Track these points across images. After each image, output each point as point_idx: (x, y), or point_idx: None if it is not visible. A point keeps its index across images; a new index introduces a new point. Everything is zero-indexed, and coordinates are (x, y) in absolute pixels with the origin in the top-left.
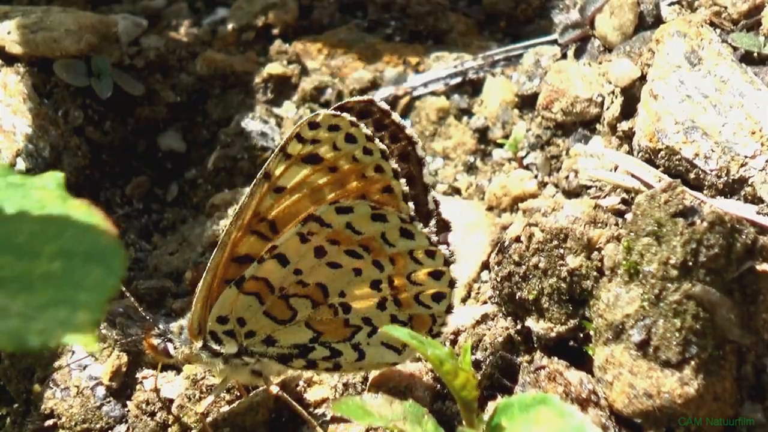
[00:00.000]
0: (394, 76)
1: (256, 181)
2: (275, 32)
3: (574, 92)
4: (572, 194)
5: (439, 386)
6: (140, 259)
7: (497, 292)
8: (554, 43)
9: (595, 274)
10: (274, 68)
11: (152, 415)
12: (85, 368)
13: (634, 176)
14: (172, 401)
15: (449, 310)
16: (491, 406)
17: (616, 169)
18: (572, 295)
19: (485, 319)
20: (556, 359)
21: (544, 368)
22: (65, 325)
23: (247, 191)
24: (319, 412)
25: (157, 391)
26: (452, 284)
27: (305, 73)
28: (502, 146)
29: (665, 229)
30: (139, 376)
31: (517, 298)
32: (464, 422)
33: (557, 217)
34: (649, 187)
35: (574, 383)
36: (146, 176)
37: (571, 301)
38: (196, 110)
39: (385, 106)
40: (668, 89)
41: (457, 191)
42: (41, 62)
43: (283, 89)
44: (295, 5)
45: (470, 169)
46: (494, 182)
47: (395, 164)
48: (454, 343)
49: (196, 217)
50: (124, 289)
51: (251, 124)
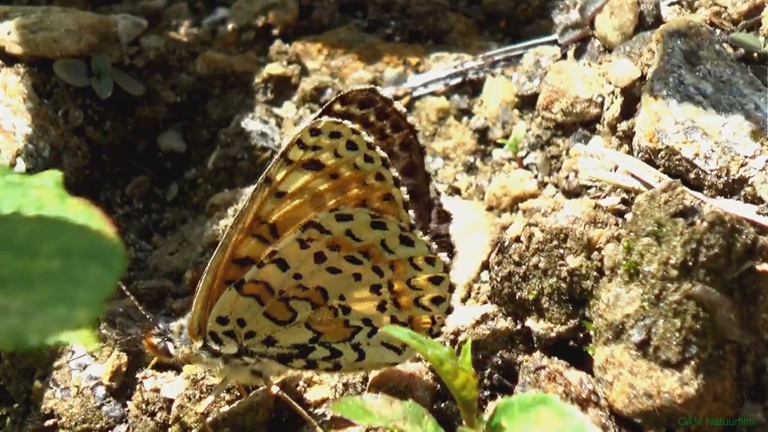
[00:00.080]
0: (394, 76)
1: (257, 185)
2: (275, 32)
3: (574, 92)
4: (572, 194)
5: (439, 386)
6: (140, 259)
7: (497, 292)
8: (554, 43)
9: (595, 274)
10: (274, 68)
11: (152, 415)
12: (85, 368)
13: (634, 176)
14: (172, 401)
15: (449, 311)
16: (491, 406)
17: (616, 169)
18: (572, 295)
19: (485, 319)
20: (556, 359)
21: (544, 368)
22: (64, 323)
23: (247, 193)
24: (319, 412)
25: (157, 390)
26: (452, 289)
27: (305, 73)
28: (502, 146)
29: (665, 229)
30: (139, 376)
31: (517, 298)
32: (464, 422)
33: (557, 217)
34: (649, 187)
35: (574, 383)
36: (146, 176)
37: (571, 301)
38: (196, 110)
39: (387, 94)
40: (668, 89)
41: (457, 191)
42: (41, 62)
43: (283, 89)
44: (295, 5)
45: (470, 169)
46: (494, 182)
47: (396, 172)
48: (454, 343)
49: (196, 217)
50: (124, 288)
51: (251, 124)
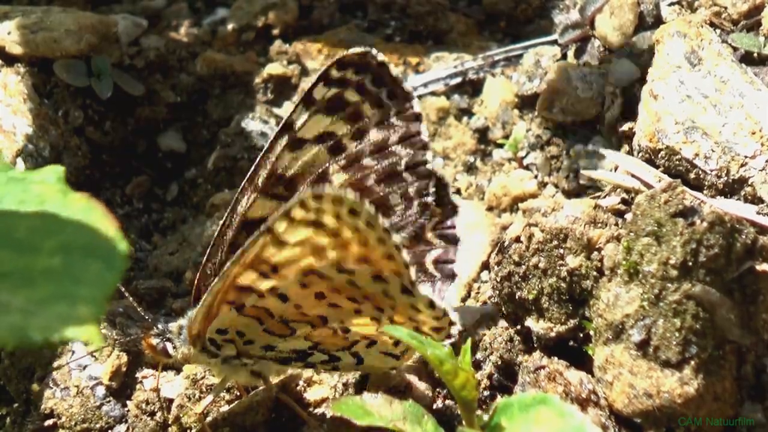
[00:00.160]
0: None
1: (258, 234)
2: (275, 32)
3: (574, 92)
4: (572, 194)
5: (439, 386)
6: (140, 259)
7: (497, 292)
8: (554, 43)
9: (595, 274)
10: (274, 68)
11: (152, 414)
12: (85, 368)
13: (634, 176)
14: (172, 401)
15: (449, 338)
16: (491, 406)
17: (616, 169)
18: (572, 295)
19: (485, 319)
20: (556, 359)
21: (544, 368)
22: (66, 319)
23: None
24: (319, 412)
25: (157, 390)
26: (452, 324)
27: (305, 73)
28: (502, 146)
29: (665, 229)
30: (139, 376)
31: (517, 298)
32: (464, 422)
33: (557, 217)
34: (649, 187)
35: (574, 383)
36: (146, 176)
37: (571, 301)
38: (196, 110)
39: (382, 58)
40: (668, 89)
41: (457, 191)
42: (41, 62)
43: (283, 89)
44: (295, 5)
45: (470, 169)
46: (494, 182)
47: (398, 238)
48: (454, 343)
49: (196, 217)
50: (123, 289)
51: (251, 124)
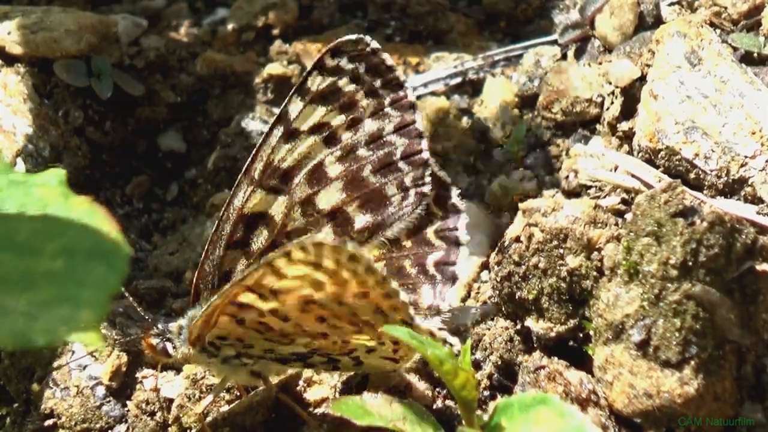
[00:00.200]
0: None
1: (257, 267)
2: (275, 32)
3: (574, 92)
4: (572, 194)
5: (439, 386)
6: (140, 259)
7: (497, 292)
8: (554, 43)
9: (595, 274)
10: (274, 68)
11: (152, 414)
12: (84, 368)
13: (634, 176)
14: (172, 401)
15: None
16: (491, 406)
17: (616, 169)
18: (572, 295)
19: (485, 319)
20: (556, 359)
21: (544, 368)
22: (68, 323)
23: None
24: (319, 412)
25: (157, 391)
26: (452, 345)
27: None
28: (502, 146)
29: (665, 229)
30: (139, 376)
31: (516, 298)
32: (464, 422)
33: (557, 217)
34: (649, 187)
35: (574, 383)
36: (146, 176)
37: (571, 301)
38: (196, 110)
39: (375, 45)
40: (668, 89)
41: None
42: (41, 62)
43: (283, 89)
44: (295, 5)
45: (470, 169)
46: (494, 182)
47: (395, 284)
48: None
49: (196, 217)
50: (123, 289)
51: (251, 124)
